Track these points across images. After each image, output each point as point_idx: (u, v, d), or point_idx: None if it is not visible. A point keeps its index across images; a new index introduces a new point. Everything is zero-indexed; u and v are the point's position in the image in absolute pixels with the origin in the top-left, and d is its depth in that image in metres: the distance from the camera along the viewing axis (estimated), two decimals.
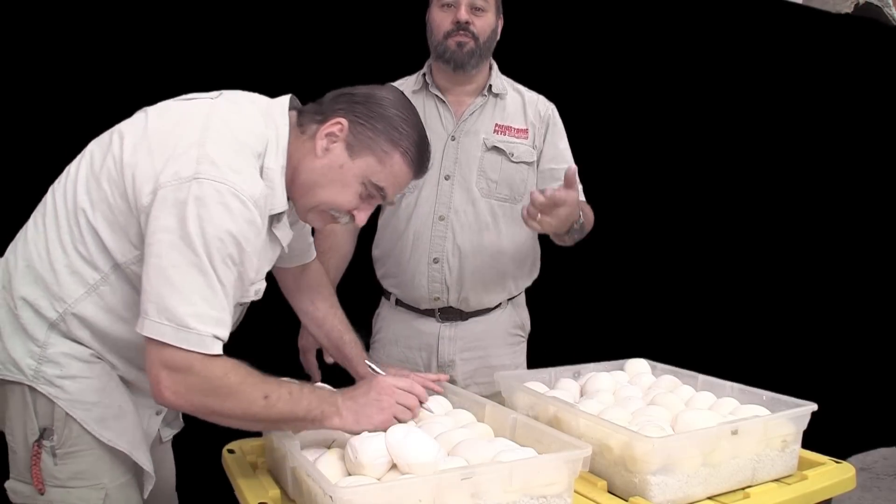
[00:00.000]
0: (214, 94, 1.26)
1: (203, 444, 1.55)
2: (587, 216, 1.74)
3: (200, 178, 1.08)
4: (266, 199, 1.17)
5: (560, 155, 1.85)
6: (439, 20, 1.75)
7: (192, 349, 1.07)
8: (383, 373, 1.41)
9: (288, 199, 1.25)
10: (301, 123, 1.25)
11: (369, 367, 1.46)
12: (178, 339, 1.06)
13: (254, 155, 1.17)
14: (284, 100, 1.27)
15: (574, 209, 1.54)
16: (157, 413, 1.37)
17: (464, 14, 1.71)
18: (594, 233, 1.94)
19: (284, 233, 1.28)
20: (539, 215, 1.50)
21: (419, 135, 1.27)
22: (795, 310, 3.49)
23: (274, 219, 1.23)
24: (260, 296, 1.29)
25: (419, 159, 1.28)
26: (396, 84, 1.91)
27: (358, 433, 1.19)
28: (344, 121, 1.22)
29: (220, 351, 1.10)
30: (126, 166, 1.15)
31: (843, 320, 3.64)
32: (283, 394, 1.14)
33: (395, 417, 1.23)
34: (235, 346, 1.39)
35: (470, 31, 1.72)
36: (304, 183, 1.23)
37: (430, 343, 1.86)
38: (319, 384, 1.43)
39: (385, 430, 1.18)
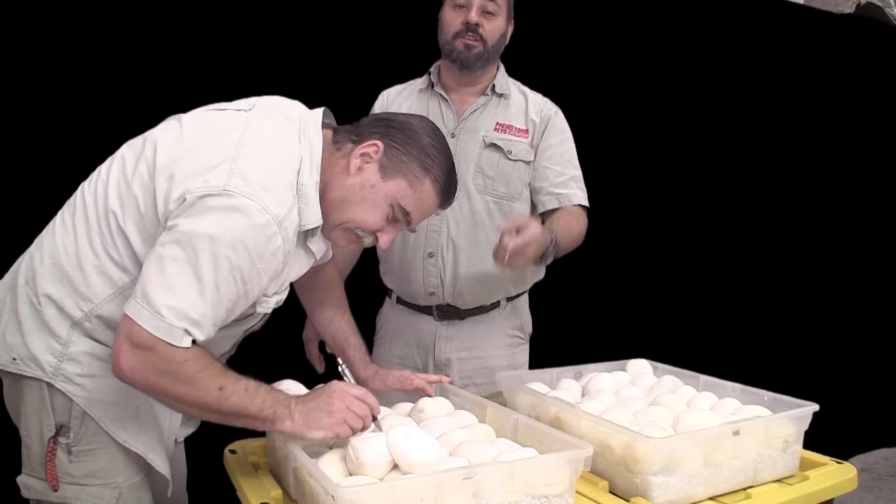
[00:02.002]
0: (247, 104, 1.27)
1: (206, 444, 1.55)
2: (571, 234, 1.72)
3: (230, 191, 1.09)
4: (296, 216, 1.17)
5: (557, 156, 1.84)
6: (450, 19, 1.77)
7: (160, 336, 1.08)
8: (351, 378, 1.38)
9: None
10: (336, 141, 1.27)
11: (340, 369, 1.41)
12: (150, 325, 1.08)
13: (289, 171, 1.18)
14: (318, 115, 1.29)
15: (542, 243, 1.54)
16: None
17: (474, 16, 1.73)
18: (595, 233, 1.94)
19: (318, 246, 1.29)
20: (507, 257, 1.48)
21: (449, 165, 1.31)
22: (796, 310, 3.49)
23: (308, 233, 1.24)
24: (280, 304, 1.30)
25: (447, 188, 1.31)
26: (404, 86, 1.92)
27: (308, 437, 1.18)
28: (380, 143, 1.24)
29: (187, 345, 1.10)
30: (158, 172, 1.16)
31: (843, 321, 3.64)
32: (238, 388, 1.13)
33: (346, 423, 1.18)
34: (245, 342, 1.39)
35: (479, 34, 1.74)
36: (333, 199, 1.24)
37: (428, 341, 1.87)
38: (290, 382, 1.42)
39: (335, 435, 1.17)
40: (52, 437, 1.21)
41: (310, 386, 1.42)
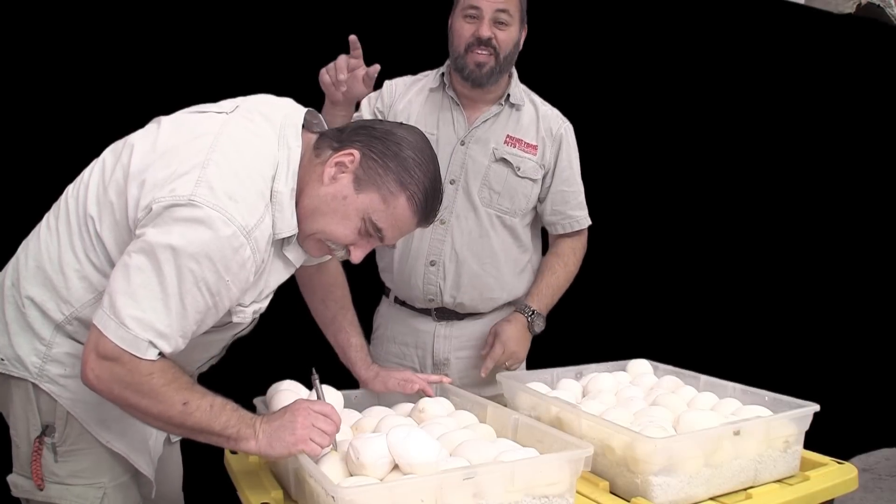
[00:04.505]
0: (231, 105, 1.25)
1: (206, 444, 1.55)
2: (559, 284, 1.87)
3: (195, 202, 1.07)
4: (268, 225, 1.15)
5: (572, 177, 1.85)
6: (461, 31, 1.71)
7: (125, 348, 1.07)
8: (322, 392, 1.32)
9: None
10: (318, 147, 1.23)
11: (313, 380, 1.34)
12: (116, 336, 1.07)
13: (262, 178, 1.15)
14: (299, 118, 1.25)
15: (521, 332, 1.80)
16: None
17: (486, 31, 1.67)
18: (596, 234, 1.94)
19: (296, 254, 1.25)
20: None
21: (431, 183, 1.22)
22: (797, 310, 3.49)
23: (284, 241, 1.21)
24: (261, 312, 1.28)
25: (425, 208, 1.23)
26: (416, 79, 1.88)
27: (274, 457, 1.17)
28: (356, 153, 1.18)
29: (153, 357, 1.09)
30: (131, 178, 1.14)
31: (844, 321, 3.64)
32: (203, 405, 1.12)
33: (311, 440, 1.15)
34: (244, 342, 1.39)
35: (491, 47, 1.69)
36: (306, 208, 1.20)
37: (426, 341, 1.86)
38: (290, 383, 1.39)
39: (299, 452, 1.14)
40: (38, 437, 1.22)
41: (309, 386, 1.41)
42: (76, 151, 1.39)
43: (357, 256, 1.24)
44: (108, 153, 1.25)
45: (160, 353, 1.09)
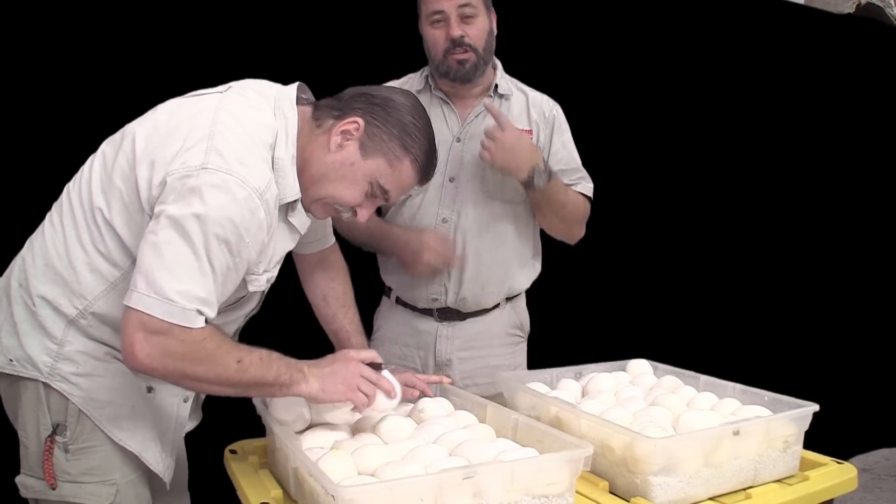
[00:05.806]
0: (223, 87, 1.28)
1: (206, 444, 1.55)
2: (567, 196, 1.78)
3: (208, 168, 1.11)
4: (274, 189, 1.19)
5: (569, 155, 1.86)
6: (433, 38, 1.71)
7: (175, 322, 1.09)
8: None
9: None
10: (317, 117, 1.28)
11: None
12: (163, 312, 1.09)
13: (264, 146, 1.19)
14: (292, 90, 1.29)
15: (527, 150, 1.66)
16: (185, 400, 1.36)
17: (456, 30, 1.67)
18: (595, 233, 1.94)
19: (300, 220, 1.30)
20: (489, 144, 1.64)
21: (429, 143, 1.31)
22: (796, 310, 3.49)
23: (288, 207, 1.26)
24: (272, 282, 1.32)
25: (426, 168, 1.32)
26: (400, 82, 1.88)
27: (324, 400, 1.25)
28: (360, 120, 1.24)
29: (202, 325, 1.13)
30: (139, 161, 1.17)
31: (843, 321, 3.64)
32: (254, 359, 1.17)
33: (359, 389, 1.25)
34: (253, 331, 1.40)
35: (466, 44, 1.69)
36: (313, 175, 1.26)
37: (428, 342, 1.86)
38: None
39: (346, 401, 1.25)
40: (49, 436, 1.22)
41: None
42: (72, 152, 1.39)
43: (363, 216, 1.32)
44: (106, 145, 1.28)
45: (206, 319, 1.13)
